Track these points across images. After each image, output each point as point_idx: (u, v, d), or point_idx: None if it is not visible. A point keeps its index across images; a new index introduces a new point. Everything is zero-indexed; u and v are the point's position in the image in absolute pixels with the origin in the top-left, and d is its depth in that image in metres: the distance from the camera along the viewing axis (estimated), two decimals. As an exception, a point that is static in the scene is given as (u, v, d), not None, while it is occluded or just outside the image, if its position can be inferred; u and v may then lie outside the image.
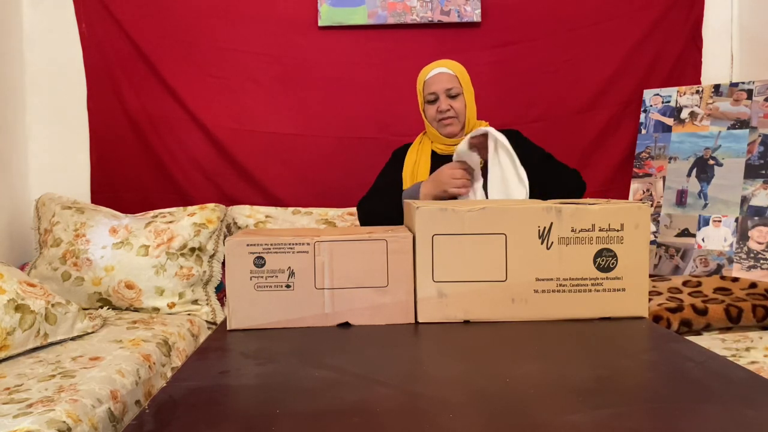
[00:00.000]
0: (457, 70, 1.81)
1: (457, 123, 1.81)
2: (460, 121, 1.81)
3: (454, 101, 1.80)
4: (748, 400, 0.75)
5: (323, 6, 2.37)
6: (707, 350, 0.95)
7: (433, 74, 1.82)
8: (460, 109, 1.80)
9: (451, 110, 1.79)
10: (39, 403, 1.24)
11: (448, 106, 1.79)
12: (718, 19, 2.44)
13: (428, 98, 1.82)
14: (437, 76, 1.81)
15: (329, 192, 2.39)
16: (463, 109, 1.80)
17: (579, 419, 0.69)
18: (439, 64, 1.83)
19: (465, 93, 1.81)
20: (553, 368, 0.88)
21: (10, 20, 2.34)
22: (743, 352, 1.49)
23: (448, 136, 1.82)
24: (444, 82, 1.80)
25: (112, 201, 2.37)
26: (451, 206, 1.11)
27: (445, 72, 1.81)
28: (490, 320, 1.10)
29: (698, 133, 2.26)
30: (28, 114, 2.43)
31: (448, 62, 1.84)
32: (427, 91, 1.82)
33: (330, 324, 1.09)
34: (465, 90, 1.81)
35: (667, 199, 2.28)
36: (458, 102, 1.80)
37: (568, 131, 2.43)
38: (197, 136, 2.46)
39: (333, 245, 1.09)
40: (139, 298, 2.07)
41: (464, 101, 1.80)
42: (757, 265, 2.04)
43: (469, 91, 1.82)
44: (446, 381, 0.85)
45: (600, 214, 1.10)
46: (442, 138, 1.82)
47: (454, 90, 1.79)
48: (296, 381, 0.84)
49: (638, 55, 2.42)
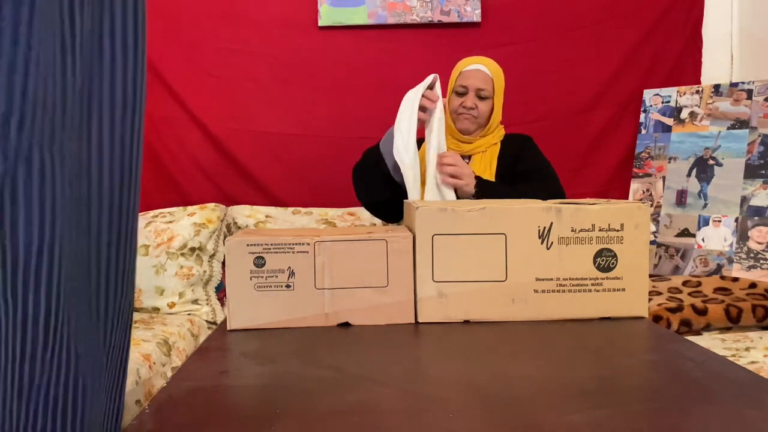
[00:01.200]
0: (496, 73, 1.80)
1: (474, 122, 1.79)
2: (479, 122, 1.79)
3: (481, 102, 1.77)
4: (748, 400, 0.75)
5: (323, 6, 2.37)
6: (707, 350, 0.95)
7: (471, 68, 1.80)
8: (485, 111, 1.78)
9: (476, 110, 1.77)
10: (39, 403, 1.24)
11: (473, 104, 1.77)
12: (718, 19, 2.44)
13: (458, 89, 1.80)
14: (474, 72, 1.79)
15: (329, 192, 2.39)
16: (487, 113, 1.79)
17: (579, 419, 0.70)
18: (481, 60, 1.81)
19: (495, 98, 1.79)
20: (553, 368, 0.88)
21: (10, 20, 2.34)
22: (743, 352, 1.49)
23: (460, 131, 1.81)
24: (479, 81, 1.78)
25: (112, 201, 2.36)
26: (451, 206, 1.11)
27: (483, 71, 1.79)
28: (490, 320, 1.10)
29: (698, 133, 2.26)
30: (28, 114, 2.43)
31: (490, 62, 1.82)
32: (459, 82, 1.80)
33: (330, 324, 1.09)
34: (496, 95, 1.79)
35: (667, 199, 2.28)
36: (485, 104, 1.78)
37: (568, 131, 2.43)
38: (197, 136, 2.45)
39: (333, 245, 1.09)
40: (139, 297, 2.07)
41: (492, 105, 1.78)
42: (757, 265, 2.04)
43: (499, 96, 1.80)
44: (446, 381, 0.85)
45: (600, 214, 1.10)
46: (456, 133, 1.81)
47: (485, 92, 1.77)
48: (296, 381, 0.84)
49: (638, 55, 2.42)
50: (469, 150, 1.81)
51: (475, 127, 1.80)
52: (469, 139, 1.82)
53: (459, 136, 1.81)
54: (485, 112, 1.78)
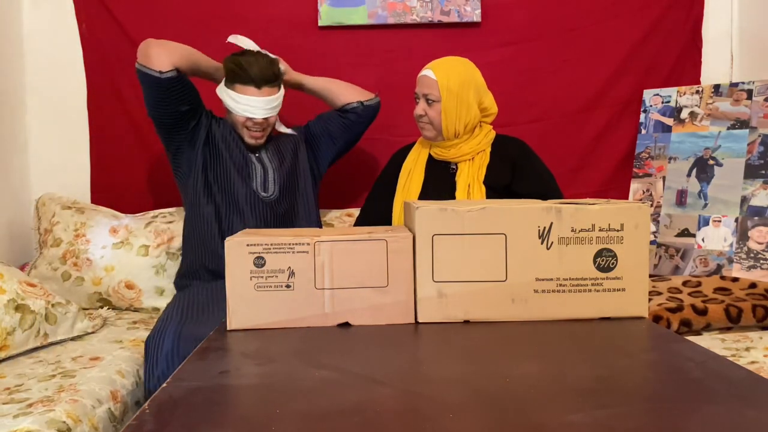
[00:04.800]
0: (443, 76, 1.73)
1: (431, 129, 1.77)
2: (435, 127, 1.76)
3: (429, 108, 1.75)
4: (748, 400, 0.75)
5: (323, 6, 2.37)
6: (707, 350, 0.95)
7: (420, 75, 1.79)
8: (434, 116, 1.74)
9: (425, 116, 1.76)
10: (39, 403, 1.24)
11: (422, 111, 1.76)
12: (718, 18, 2.44)
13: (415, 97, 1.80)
14: (421, 79, 1.78)
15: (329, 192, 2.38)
16: (436, 117, 1.74)
17: (579, 419, 0.70)
18: (432, 65, 1.78)
19: (444, 101, 1.72)
20: (553, 368, 0.88)
21: (10, 20, 2.34)
22: (743, 352, 1.49)
23: (426, 139, 1.81)
24: (424, 86, 1.76)
25: (112, 201, 2.36)
26: (451, 206, 1.11)
27: (428, 76, 1.75)
28: (490, 320, 1.10)
29: (698, 133, 2.26)
30: (28, 114, 2.43)
31: (441, 64, 1.77)
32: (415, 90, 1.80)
33: (330, 324, 1.09)
34: (445, 98, 1.72)
35: (667, 199, 2.28)
36: (433, 110, 1.74)
37: (568, 131, 2.43)
38: (197, 136, 2.45)
39: (333, 245, 1.09)
40: (139, 298, 2.07)
41: (439, 110, 1.73)
42: (757, 265, 2.04)
43: (452, 99, 1.72)
44: (446, 381, 0.85)
45: (600, 214, 1.10)
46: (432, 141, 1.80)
47: (431, 95, 1.74)
48: (296, 381, 0.84)
49: (638, 55, 2.42)
50: (454, 156, 1.78)
51: (434, 133, 1.77)
52: (446, 144, 1.78)
53: (440, 143, 1.79)
54: (434, 116, 1.74)
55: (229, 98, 1.88)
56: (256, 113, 1.86)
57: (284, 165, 1.99)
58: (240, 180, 1.90)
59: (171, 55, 1.83)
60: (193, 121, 1.92)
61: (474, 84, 1.76)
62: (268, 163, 1.96)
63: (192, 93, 1.89)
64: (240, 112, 1.87)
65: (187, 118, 1.90)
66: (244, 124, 1.90)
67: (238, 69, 1.86)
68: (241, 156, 1.93)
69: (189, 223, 1.95)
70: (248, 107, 1.85)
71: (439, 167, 1.82)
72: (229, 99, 1.88)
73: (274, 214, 1.92)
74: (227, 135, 1.94)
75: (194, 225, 1.92)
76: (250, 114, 1.86)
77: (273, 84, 1.89)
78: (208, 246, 1.87)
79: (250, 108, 1.86)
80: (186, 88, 1.87)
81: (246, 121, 1.89)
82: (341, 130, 2.07)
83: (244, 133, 1.92)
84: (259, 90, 1.86)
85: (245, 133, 1.92)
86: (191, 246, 1.93)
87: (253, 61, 1.87)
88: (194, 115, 1.92)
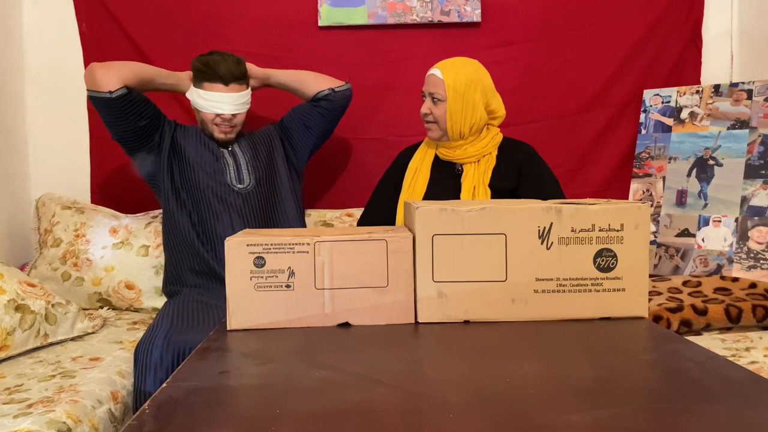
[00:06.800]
0: (449, 75, 1.73)
1: (437, 128, 1.77)
2: (440, 127, 1.76)
3: (435, 106, 1.75)
4: (748, 400, 0.75)
5: (323, 6, 2.37)
6: (707, 350, 0.94)
7: (428, 73, 1.79)
8: (439, 116, 1.74)
9: (431, 115, 1.76)
10: (39, 403, 1.24)
11: (428, 110, 1.76)
12: (718, 19, 2.44)
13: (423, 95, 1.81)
14: (428, 78, 1.78)
15: (329, 193, 2.39)
16: (442, 117, 1.74)
17: (579, 419, 0.70)
18: (441, 64, 1.78)
19: (450, 101, 1.72)
20: (553, 368, 0.88)
21: (10, 20, 2.34)
22: (743, 352, 1.49)
23: (431, 139, 1.81)
24: (430, 85, 1.77)
25: (112, 201, 2.37)
26: (451, 206, 1.11)
27: (435, 75, 1.76)
28: (490, 320, 1.10)
29: (698, 133, 2.26)
30: (28, 114, 2.43)
31: (449, 64, 1.78)
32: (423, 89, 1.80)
33: (330, 324, 1.09)
34: (451, 98, 1.72)
35: (667, 199, 2.28)
36: (439, 108, 1.74)
37: (568, 131, 2.43)
38: (197, 136, 2.45)
39: (333, 245, 1.09)
40: (139, 298, 2.07)
41: (445, 109, 1.73)
42: (757, 265, 2.04)
43: (458, 99, 1.72)
44: (446, 381, 0.85)
45: (600, 214, 1.10)
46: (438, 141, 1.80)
47: (436, 95, 1.74)
48: (296, 381, 0.84)
49: (638, 55, 2.42)
50: (460, 157, 1.78)
51: (439, 133, 1.77)
52: (451, 145, 1.78)
53: (446, 144, 1.79)
54: (440, 116, 1.74)
55: (198, 97, 1.92)
56: (224, 109, 1.90)
57: (259, 156, 2.02)
58: (207, 177, 1.93)
59: (117, 73, 1.86)
60: (156, 133, 1.95)
61: (481, 85, 1.75)
62: (240, 154, 2.00)
63: (147, 106, 1.92)
64: (209, 109, 1.91)
65: (149, 132, 1.94)
66: (213, 121, 1.94)
67: (206, 68, 1.90)
68: (211, 154, 1.96)
69: (166, 232, 1.99)
70: (216, 103, 1.90)
71: (445, 168, 1.81)
72: (198, 98, 1.92)
73: (252, 206, 1.94)
74: (194, 139, 1.98)
75: (171, 232, 1.95)
76: (218, 110, 1.90)
77: (241, 81, 1.94)
78: (188, 249, 1.90)
79: (218, 104, 1.90)
80: (140, 103, 1.90)
81: (215, 117, 1.93)
82: (315, 119, 2.09)
83: (214, 129, 1.96)
84: (227, 87, 1.90)
85: (214, 129, 1.96)
86: (171, 253, 1.96)
87: (220, 59, 1.91)
88: (156, 127, 1.95)
